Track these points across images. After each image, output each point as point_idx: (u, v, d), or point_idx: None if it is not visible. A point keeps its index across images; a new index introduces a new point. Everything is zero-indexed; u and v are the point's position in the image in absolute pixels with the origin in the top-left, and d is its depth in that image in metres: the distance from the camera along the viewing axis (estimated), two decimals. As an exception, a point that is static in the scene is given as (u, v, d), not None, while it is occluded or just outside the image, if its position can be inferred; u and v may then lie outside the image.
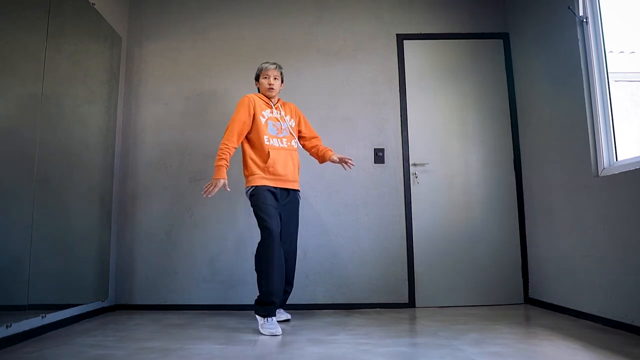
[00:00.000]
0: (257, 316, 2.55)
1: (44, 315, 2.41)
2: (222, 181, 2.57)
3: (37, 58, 2.38)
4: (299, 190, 2.83)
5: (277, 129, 2.78)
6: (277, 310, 2.84)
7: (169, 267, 3.32)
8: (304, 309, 3.19)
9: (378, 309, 3.21)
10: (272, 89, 2.83)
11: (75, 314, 2.74)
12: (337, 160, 2.89)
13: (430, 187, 3.42)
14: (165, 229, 3.37)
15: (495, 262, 3.33)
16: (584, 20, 2.70)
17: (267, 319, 2.48)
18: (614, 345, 2.02)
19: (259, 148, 2.70)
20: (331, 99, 3.53)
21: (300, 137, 2.92)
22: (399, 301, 3.28)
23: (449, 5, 3.66)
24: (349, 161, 2.89)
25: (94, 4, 2.96)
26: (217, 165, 2.59)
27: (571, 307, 2.77)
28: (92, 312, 2.95)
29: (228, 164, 2.62)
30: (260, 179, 2.64)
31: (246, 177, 2.72)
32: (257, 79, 2.91)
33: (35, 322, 2.35)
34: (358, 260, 3.33)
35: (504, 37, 3.59)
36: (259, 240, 2.57)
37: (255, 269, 2.60)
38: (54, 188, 2.52)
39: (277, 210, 2.64)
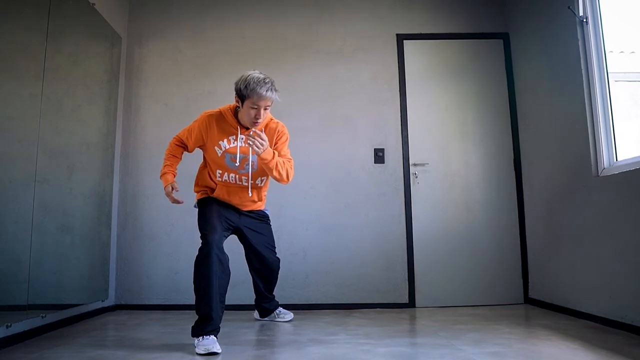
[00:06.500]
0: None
1: (44, 315, 2.41)
2: (169, 187, 2.27)
3: (37, 58, 2.38)
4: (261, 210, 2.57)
5: (240, 162, 2.26)
6: (278, 310, 2.83)
7: (169, 267, 3.32)
8: (304, 309, 3.19)
9: (378, 309, 3.21)
10: (257, 122, 2.14)
11: (75, 314, 2.75)
12: None
13: (430, 187, 3.42)
14: (165, 229, 3.36)
15: (495, 262, 3.33)
16: (584, 20, 2.70)
17: (204, 336, 2.02)
18: (614, 345, 2.02)
19: (210, 176, 2.38)
20: (331, 98, 3.53)
21: None
22: (399, 301, 3.28)
23: (449, 5, 3.66)
24: None
25: (94, 4, 2.96)
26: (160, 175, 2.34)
27: (571, 307, 2.77)
28: (92, 312, 2.95)
29: (174, 172, 2.34)
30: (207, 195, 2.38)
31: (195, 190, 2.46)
32: (240, 97, 2.11)
33: (35, 322, 2.35)
34: (358, 260, 3.33)
35: (504, 37, 3.59)
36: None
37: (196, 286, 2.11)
38: (54, 188, 2.52)
39: (224, 219, 2.29)
